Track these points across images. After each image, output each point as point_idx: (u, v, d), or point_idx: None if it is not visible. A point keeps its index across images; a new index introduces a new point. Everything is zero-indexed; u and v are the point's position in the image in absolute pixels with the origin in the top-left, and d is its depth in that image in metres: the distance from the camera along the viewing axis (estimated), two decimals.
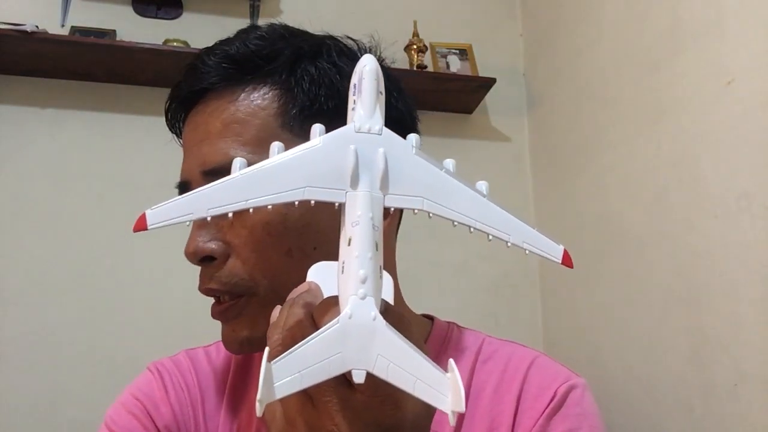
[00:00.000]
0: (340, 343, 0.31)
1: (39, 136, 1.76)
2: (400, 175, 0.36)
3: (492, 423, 0.58)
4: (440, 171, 0.37)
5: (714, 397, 1.26)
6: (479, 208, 0.37)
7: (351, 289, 0.32)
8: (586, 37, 1.81)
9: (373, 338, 0.31)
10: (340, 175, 0.35)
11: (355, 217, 0.34)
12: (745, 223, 1.21)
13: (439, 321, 0.68)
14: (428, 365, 0.31)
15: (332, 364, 0.31)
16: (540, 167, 2.08)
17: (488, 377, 0.61)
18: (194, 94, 0.59)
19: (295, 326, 0.36)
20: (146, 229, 0.34)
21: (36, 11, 1.82)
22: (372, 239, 0.33)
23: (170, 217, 0.34)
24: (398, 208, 0.36)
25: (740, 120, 1.24)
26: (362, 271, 0.32)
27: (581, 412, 0.59)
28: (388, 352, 0.31)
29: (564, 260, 0.37)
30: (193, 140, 0.58)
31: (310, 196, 0.35)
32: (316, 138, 0.37)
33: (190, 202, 0.34)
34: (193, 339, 0.74)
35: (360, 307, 0.31)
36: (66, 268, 1.69)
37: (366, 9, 2.07)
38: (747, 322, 1.20)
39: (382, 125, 0.37)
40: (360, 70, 0.39)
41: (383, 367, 0.31)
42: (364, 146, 0.36)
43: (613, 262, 1.62)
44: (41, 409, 1.59)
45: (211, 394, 0.64)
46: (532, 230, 0.37)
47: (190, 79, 0.59)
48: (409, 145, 0.38)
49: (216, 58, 0.57)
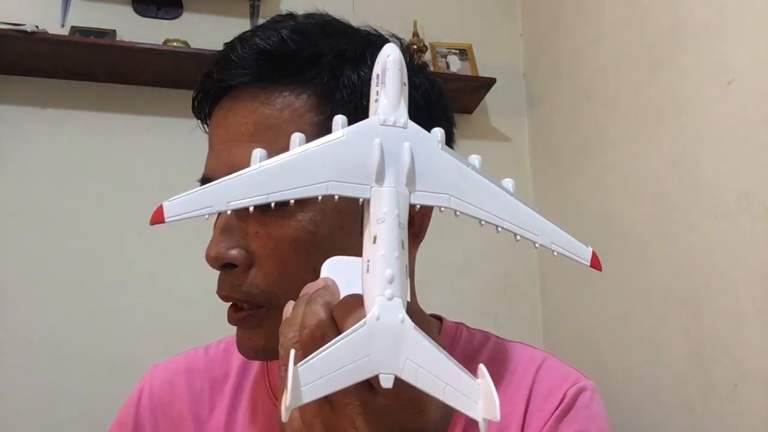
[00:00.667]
0: (367, 346, 0.30)
1: (39, 136, 1.76)
2: (426, 170, 0.35)
3: (501, 424, 0.58)
4: (467, 167, 0.36)
5: (714, 397, 1.26)
6: (507, 207, 0.36)
7: (377, 289, 0.31)
8: (586, 37, 1.81)
9: (402, 341, 0.30)
10: (365, 169, 0.34)
11: (381, 214, 0.33)
12: (745, 223, 1.21)
13: (447, 321, 0.68)
14: (458, 371, 0.30)
15: (360, 368, 0.29)
16: (540, 167, 2.08)
17: (497, 378, 0.61)
18: (223, 90, 0.56)
19: (315, 326, 0.34)
20: (164, 222, 0.32)
21: (36, 11, 1.82)
22: (398, 237, 0.32)
23: (189, 210, 0.33)
24: (424, 205, 0.34)
25: (740, 120, 1.24)
26: (389, 270, 0.31)
27: (590, 414, 0.59)
28: (416, 356, 0.30)
29: (593, 263, 0.36)
30: (220, 138, 0.55)
31: (334, 191, 0.34)
32: (339, 130, 0.36)
33: (209, 194, 0.33)
34: (193, 339, 0.74)
35: (387, 309, 0.30)
36: (66, 268, 1.69)
37: (366, 9, 2.06)
38: (747, 322, 1.20)
39: (407, 118, 0.36)
40: (383, 60, 0.38)
41: (412, 371, 0.30)
42: (389, 140, 0.35)
43: (613, 262, 1.62)
44: (41, 409, 1.59)
45: (206, 396, 0.65)
46: (560, 231, 0.36)
47: (221, 71, 0.55)
48: (435, 140, 0.36)
49: (251, 52, 0.53)
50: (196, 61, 1.78)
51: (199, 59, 1.78)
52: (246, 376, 0.65)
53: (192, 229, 1.05)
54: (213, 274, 0.55)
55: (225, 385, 0.65)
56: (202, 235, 0.57)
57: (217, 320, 0.57)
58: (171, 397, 0.65)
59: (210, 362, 0.67)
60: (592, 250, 0.36)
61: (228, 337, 0.70)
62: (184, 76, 1.83)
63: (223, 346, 0.69)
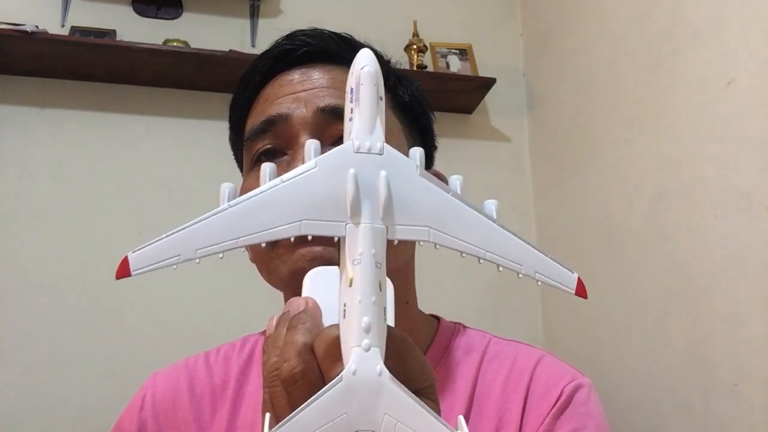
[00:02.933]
0: (344, 404, 0.29)
1: (39, 136, 1.76)
2: (404, 201, 0.33)
3: (499, 422, 0.59)
4: (447, 195, 0.35)
5: (714, 397, 1.26)
6: (489, 236, 0.35)
7: (354, 339, 0.30)
8: (586, 37, 1.81)
9: (379, 395, 0.29)
10: (338, 204, 0.33)
11: (357, 255, 0.32)
12: (745, 223, 1.21)
13: (445, 321, 0.69)
14: (436, 423, 0.30)
15: (337, 427, 0.29)
16: (540, 167, 2.08)
17: (495, 376, 0.62)
18: (309, 56, 0.62)
19: (295, 363, 0.33)
20: (130, 275, 0.32)
21: (36, 11, 1.82)
22: (375, 280, 0.31)
23: (156, 261, 0.32)
24: (402, 240, 0.33)
25: (740, 120, 1.24)
26: (366, 318, 0.30)
27: (587, 411, 0.60)
28: (394, 411, 0.29)
29: (578, 290, 0.35)
30: (308, 85, 0.60)
31: (306, 231, 0.33)
32: (311, 160, 0.34)
33: (176, 242, 0.32)
34: (193, 338, 0.74)
35: (365, 361, 0.30)
36: (66, 268, 1.69)
37: (366, 9, 2.06)
38: (747, 322, 1.20)
39: (383, 142, 0.34)
40: (358, 72, 0.35)
41: (390, 426, 0.29)
42: (364, 169, 0.33)
43: (613, 262, 1.62)
44: (41, 409, 1.59)
45: (207, 402, 0.65)
46: (543, 257, 0.35)
47: (312, 38, 0.62)
48: (413, 165, 0.35)
49: (335, 35, 0.63)
50: (196, 61, 1.78)
51: (199, 59, 1.78)
52: (245, 382, 0.66)
53: None
54: (212, 275, 0.55)
55: (225, 391, 0.65)
56: None
57: (216, 320, 0.58)
58: (174, 404, 0.66)
59: (210, 369, 0.68)
60: (577, 276, 0.35)
61: (226, 345, 0.71)
62: (183, 76, 1.83)
63: (222, 354, 0.70)
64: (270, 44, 0.65)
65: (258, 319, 0.67)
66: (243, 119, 0.65)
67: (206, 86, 1.86)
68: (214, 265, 1.64)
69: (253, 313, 0.87)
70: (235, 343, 0.70)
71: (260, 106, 0.62)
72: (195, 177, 1.75)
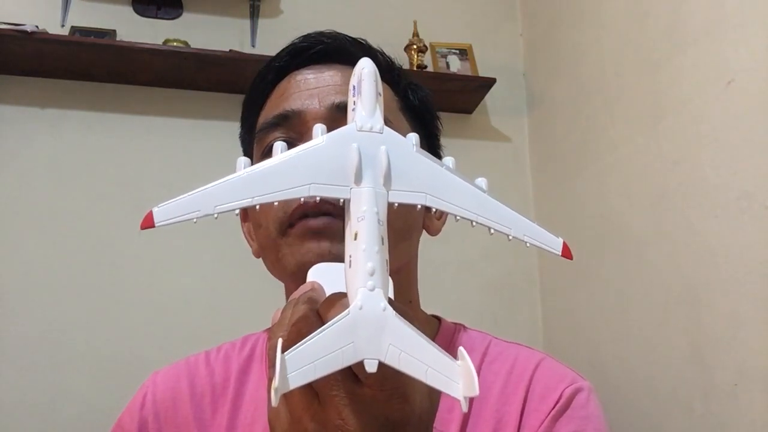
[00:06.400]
0: (351, 334, 0.31)
1: (39, 136, 1.76)
2: (402, 171, 0.37)
3: (498, 423, 0.59)
4: (441, 167, 0.38)
5: (714, 397, 1.26)
6: (480, 203, 0.37)
7: (360, 281, 0.32)
8: (586, 37, 1.81)
9: (384, 328, 0.31)
10: (344, 172, 0.36)
11: (361, 212, 0.34)
12: (745, 223, 1.21)
13: (446, 322, 0.69)
14: (439, 353, 0.32)
15: (345, 354, 0.31)
16: (540, 167, 2.08)
17: (495, 378, 0.62)
18: (323, 55, 0.64)
19: (300, 321, 0.36)
20: (153, 227, 0.34)
21: (36, 11, 1.82)
22: (378, 233, 0.34)
23: (177, 215, 0.34)
24: (402, 203, 0.36)
25: (740, 120, 1.24)
26: (370, 263, 0.32)
27: (586, 414, 0.60)
28: (399, 342, 0.31)
29: (563, 252, 0.38)
30: (322, 83, 0.62)
31: (315, 193, 0.36)
32: (319, 137, 0.37)
33: (197, 199, 0.35)
34: (193, 338, 0.74)
35: (370, 299, 0.32)
36: (66, 268, 1.69)
37: (366, 9, 2.06)
38: (747, 322, 1.20)
39: (382, 124, 0.38)
40: (359, 72, 0.40)
41: (395, 356, 0.31)
42: (366, 144, 0.37)
43: (613, 262, 1.62)
44: (41, 409, 1.59)
45: (208, 401, 0.65)
46: (532, 224, 0.38)
47: (327, 38, 0.64)
48: (410, 144, 0.38)
49: (352, 39, 0.65)
50: (196, 61, 1.79)
51: (199, 59, 1.78)
52: (245, 380, 0.66)
53: (192, 230, 1.05)
54: (212, 275, 0.55)
55: (226, 390, 0.66)
56: (202, 235, 0.57)
57: (216, 319, 0.58)
58: (174, 403, 0.66)
59: (210, 368, 0.68)
60: (563, 240, 0.38)
61: (226, 344, 0.71)
62: (183, 76, 1.83)
63: (223, 353, 0.70)
64: (270, 44, 0.65)
65: (258, 318, 0.67)
66: (256, 115, 0.66)
67: (206, 86, 1.86)
68: (214, 265, 1.65)
69: (254, 312, 0.87)
70: (236, 342, 0.71)
71: (274, 102, 0.63)
72: (195, 177, 1.74)
